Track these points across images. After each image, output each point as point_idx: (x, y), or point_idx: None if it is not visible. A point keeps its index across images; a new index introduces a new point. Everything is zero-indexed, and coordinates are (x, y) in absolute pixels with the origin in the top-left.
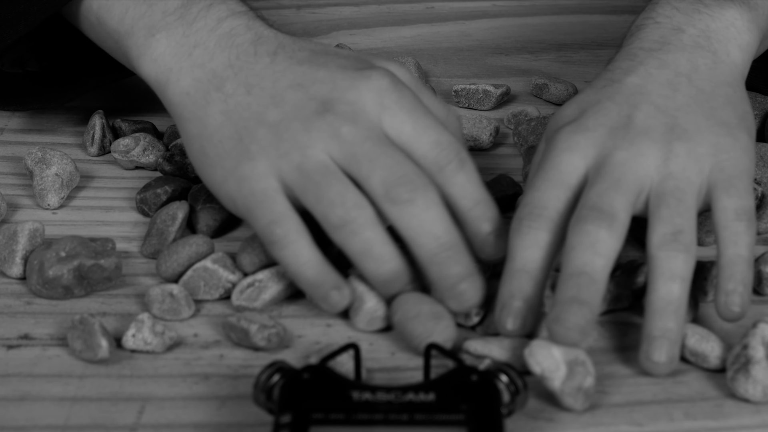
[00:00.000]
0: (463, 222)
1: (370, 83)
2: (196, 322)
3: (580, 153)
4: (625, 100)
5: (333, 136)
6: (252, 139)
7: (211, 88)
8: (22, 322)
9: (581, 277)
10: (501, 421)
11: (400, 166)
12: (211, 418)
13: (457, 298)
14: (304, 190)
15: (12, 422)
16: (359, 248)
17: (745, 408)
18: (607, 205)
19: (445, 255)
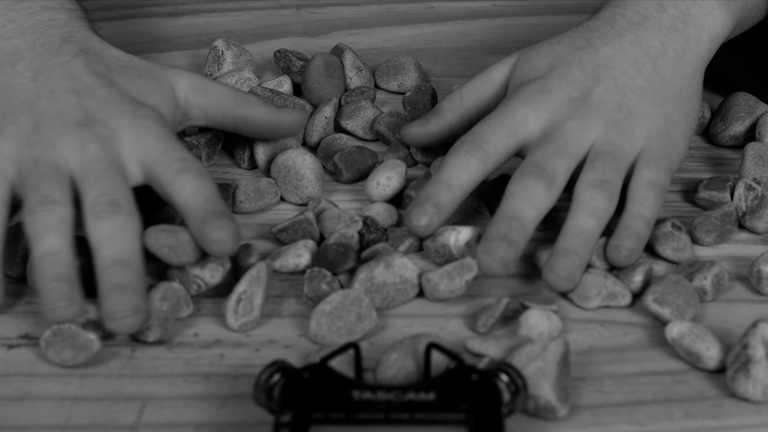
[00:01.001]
0: (190, 215)
1: (135, 118)
2: (196, 321)
3: (537, 111)
4: (591, 69)
5: (79, 148)
6: (13, 120)
7: (5, 62)
8: (22, 322)
9: (514, 221)
10: (501, 420)
11: (118, 190)
12: (211, 418)
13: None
14: (28, 177)
15: (12, 422)
16: (37, 230)
17: (745, 407)
18: (550, 167)
19: (115, 270)
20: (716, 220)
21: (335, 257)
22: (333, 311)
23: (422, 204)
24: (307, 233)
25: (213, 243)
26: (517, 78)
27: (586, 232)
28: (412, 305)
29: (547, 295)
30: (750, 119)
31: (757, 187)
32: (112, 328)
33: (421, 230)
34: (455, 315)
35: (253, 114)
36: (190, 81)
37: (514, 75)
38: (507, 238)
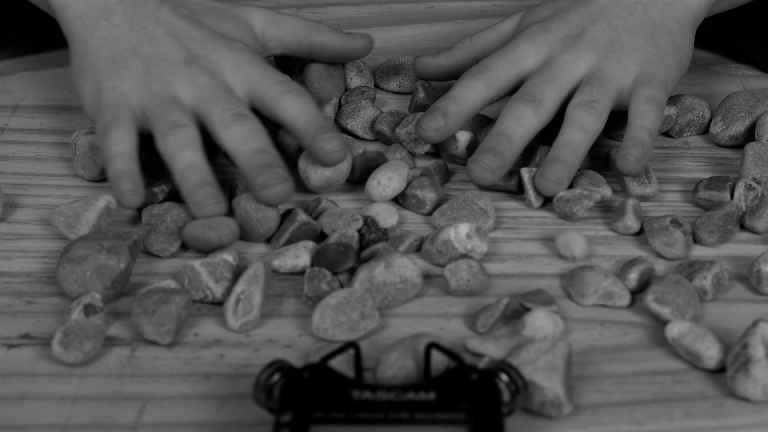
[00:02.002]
0: (301, 133)
1: (231, 51)
2: (196, 321)
3: (536, 47)
4: (587, 14)
5: (191, 82)
6: (124, 65)
7: (100, 17)
8: (22, 322)
9: (501, 136)
10: (501, 420)
11: (236, 105)
12: (211, 417)
13: (260, 187)
14: (152, 110)
15: (12, 421)
16: (172, 149)
17: (745, 407)
18: (538, 92)
19: (257, 156)
20: (718, 220)
21: (335, 257)
22: (338, 306)
23: (432, 113)
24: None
25: (326, 154)
26: (522, 27)
27: (574, 143)
28: (412, 305)
29: (547, 296)
30: (750, 119)
31: (757, 187)
32: (266, 196)
33: (431, 134)
34: (455, 315)
35: (326, 40)
36: (264, 15)
37: (520, 26)
38: (494, 149)
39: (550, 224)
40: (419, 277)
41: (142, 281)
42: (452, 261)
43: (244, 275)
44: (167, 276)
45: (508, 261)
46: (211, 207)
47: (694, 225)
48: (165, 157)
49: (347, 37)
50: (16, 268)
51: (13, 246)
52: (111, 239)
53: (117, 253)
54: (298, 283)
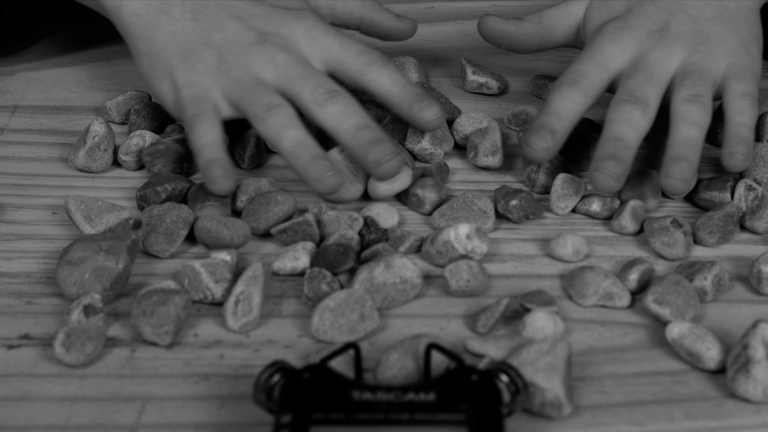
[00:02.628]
0: (397, 103)
1: (300, 22)
2: (196, 322)
3: (622, 46)
4: (665, 6)
5: (269, 61)
6: (198, 59)
7: (160, 12)
8: (22, 322)
9: (618, 142)
10: (501, 421)
11: (325, 81)
12: (211, 418)
13: (375, 165)
14: (240, 96)
15: (12, 422)
16: (275, 130)
17: (746, 408)
18: (642, 93)
19: (362, 132)
20: (719, 221)
21: (335, 257)
22: (337, 308)
23: (539, 131)
24: (307, 235)
25: (428, 122)
26: (595, 19)
27: (692, 139)
28: (412, 306)
29: (547, 297)
30: None
31: (757, 188)
32: (382, 173)
33: (541, 154)
34: (455, 315)
35: (378, 18)
36: None
37: (590, 16)
38: (615, 155)
39: (550, 225)
40: (419, 277)
41: (141, 282)
42: (452, 262)
43: (243, 276)
44: (167, 277)
45: (509, 261)
46: (330, 179)
47: (695, 225)
48: (269, 139)
49: (397, 18)
50: (15, 269)
51: (13, 247)
52: (109, 240)
53: (115, 254)
54: (298, 284)
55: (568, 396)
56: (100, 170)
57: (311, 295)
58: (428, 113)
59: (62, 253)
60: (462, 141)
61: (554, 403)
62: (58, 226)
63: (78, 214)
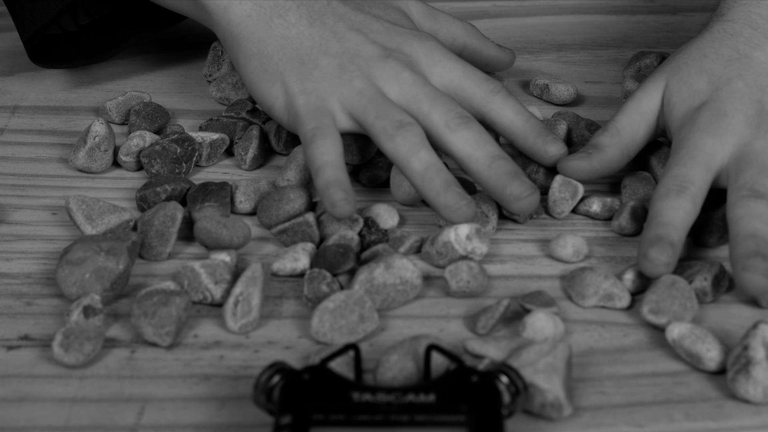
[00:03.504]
0: (521, 135)
1: (422, 42)
2: (196, 323)
3: (721, 138)
4: (754, 81)
5: (395, 77)
6: (315, 65)
7: (273, 15)
8: (22, 323)
9: (757, 238)
10: (501, 422)
11: (455, 105)
12: (211, 419)
13: (514, 199)
14: (365, 110)
15: (12, 423)
16: (406, 150)
17: (746, 409)
18: (761, 187)
19: (498, 163)
20: (718, 220)
21: (335, 258)
22: (336, 309)
23: (659, 245)
24: (307, 236)
25: (552, 156)
26: (679, 104)
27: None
28: (412, 306)
29: (547, 298)
30: None
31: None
32: (520, 207)
33: (662, 269)
34: (455, 316)
35: (480, 46)
36: (420, 7)
37: (671, 101)
38: (759, 252)
39: (550, 226)
40: (419, 278)
41: (141, 282)
42: (452, 262)
43: (243, 276)
44: (167, 277)
45: (509, 262)
46: (464, 209)
47: (694, 226)
48: (396, 159)
49: (499, 47)
50: (15, 270)
51: (13, 247)
52: (109, 241)
53: (116, 255)
54: (298, 285)
55: (568, 397)
56: (100, 171)
57: (311, 296)
58: (553, 147)
59: (62, 253)
60: None
61: (554, 404)
62: (58, 227)
63: (79, 214)
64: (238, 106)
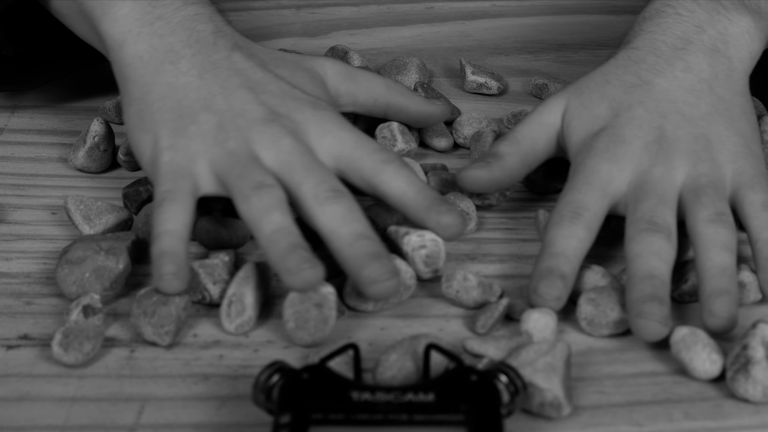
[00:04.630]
0: (412, 207)
1: (315, 110)
2: (195, 322)
3: (619, 165)
4: (654, 107)
5: (274, 143)
6: (193, 120)
7: (165, 60)
8: (21, 322)
9: (654, 279)
10: (500, 421)
11: (330, 177)
12: (210, 419)
13: (369, 282)
14: (230, 171)
15: (12, 422)
16: (258, 212)
17: (745, 408)
18: (660, 219)
19: (360, 243)
20: None
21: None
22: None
23: (548, 278)
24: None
25: (446, 228)
26: (578, 129)
27: (728, 268)
28: (411, 306)
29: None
30: None
31: None
32: (375, 292)
33: (552, 303)
34: (454, 315)
35: (406, 103)
36: (338, 68)
37: (571, 124)
38: (657, 296)
39: None
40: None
41: (141, 282)
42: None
43: (235, 277)
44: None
45: (508, 262)
46: (306, 273)
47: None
48: (249, 221)
49: (426, 101)
50: (15, 269)
51: (13, 247)
52: (109, 240)
53: (115, 255)
54: None
55: (567, 396)
56: (99, 170)
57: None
58: (447, 218)
59: (62, 252)
60: (462, 141)
61: (553, 403)
62: (58, 227)
63: (77, 214)
64: None
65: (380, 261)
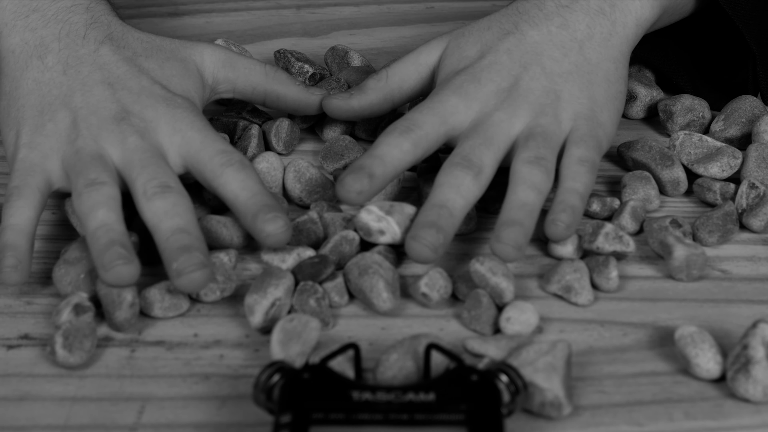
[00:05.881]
0: (242, 212)
1: (168, 108)
2: (196, 322)
3: (467, 102)
4: (519, 57)
5: (120, 141)
6: (51, 117)
7: (34, 55)
8: (22, 322)
9: (442, 209)
10: (501, 421)
11: (164, 173)
12: (211, 418)
13: (176, 274)
14: (72, 166)
15: (12, 422)
16: (86, 208)
17: (745, 408)
18: (477, 158)
19: (176, 237)
20: (718, 220)
21: (313, 269)
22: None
23: (356, 172)
24: (312, 233)
25: (267, 237)
26: (447, 66)
27: (528, 204)
28: (411, 306)
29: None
30: (748, 127)
31: (760, 186)
32: (182, 284)
33: (353, 197)
34: (455, 315)
35: (284, 92)
36: (217, 56)
37: (443, 63)
38: (436, 224)
39: None
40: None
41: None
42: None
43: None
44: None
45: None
46: (119, 268)
47: (694, 225)
48: (79, 216)
49: (305, 90)
50: None
51: None
52: None
53: None
54: None
55: (567, 396)
56: None
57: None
58: (271, 226)
59: (62, 252)
60: None
61: (554, 403)
62: (58, 226)
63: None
64: (238, 105)
65: (190, 253)
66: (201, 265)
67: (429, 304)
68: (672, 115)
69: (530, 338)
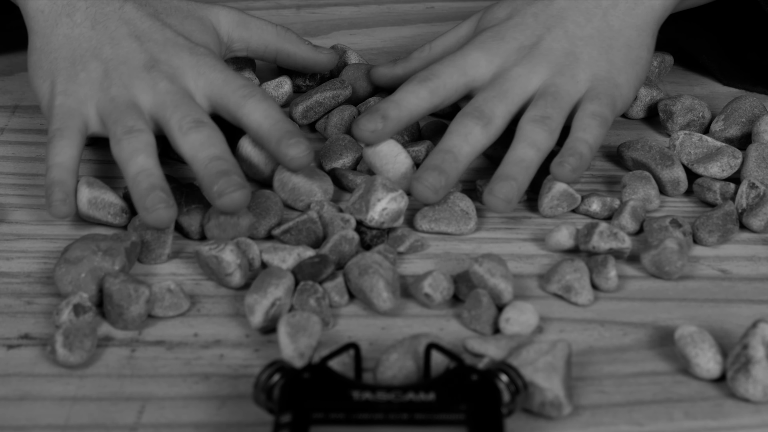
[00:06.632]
0: (266, 139)
1: (192, 56)
2: (196, 322)
3: (489, 57)
4: (544, 20)
5: (151, 87)
6: (83, 68)
7: (62, 13)
8: (22, 322)
9: (447, 154)
10: (501, 420)
11: (196, 111)
12: (211, 418)
13: (217, 195)
14: (108, 114)
15: (12, 422)
16: (126, 155)
17: (745, 408)
18: (488, 109)
19: (214, 163)
20: (718, 219)
21: (312, 268)
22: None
23: (371, 114)
24: (312, 232)
25: (291, 160)
26: (479, 29)
27: (525, 160)
28: (411, 306)
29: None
30: (748, 127)
31: (760, 186)
32: (223, 204)
33: (367, 135)
34: (455, 315)
35: (294, 50)
36: (231, 17)
37: (478, 27)
38: (439, 167)
39: (549, 225)
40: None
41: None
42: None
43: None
44: (167, 277)
45: (509, 261)
46: (160, 211)
47: (694, 225)
48: (119, 162)
49: (314, 49)
50: (15, 269)
51: (13, 246)
52: (108, 241)
53: (112, 256)
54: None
55: (567, 396)
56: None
57: (297, 307)
58: (293, 150)
59: (63, 251)
60: None
61: (554, 402)
62: (58, 226)
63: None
64: None
65: (228, 176)
66: (240, 185)
67: (431, 304)
68: (672, 115)
69: (530, 338)
